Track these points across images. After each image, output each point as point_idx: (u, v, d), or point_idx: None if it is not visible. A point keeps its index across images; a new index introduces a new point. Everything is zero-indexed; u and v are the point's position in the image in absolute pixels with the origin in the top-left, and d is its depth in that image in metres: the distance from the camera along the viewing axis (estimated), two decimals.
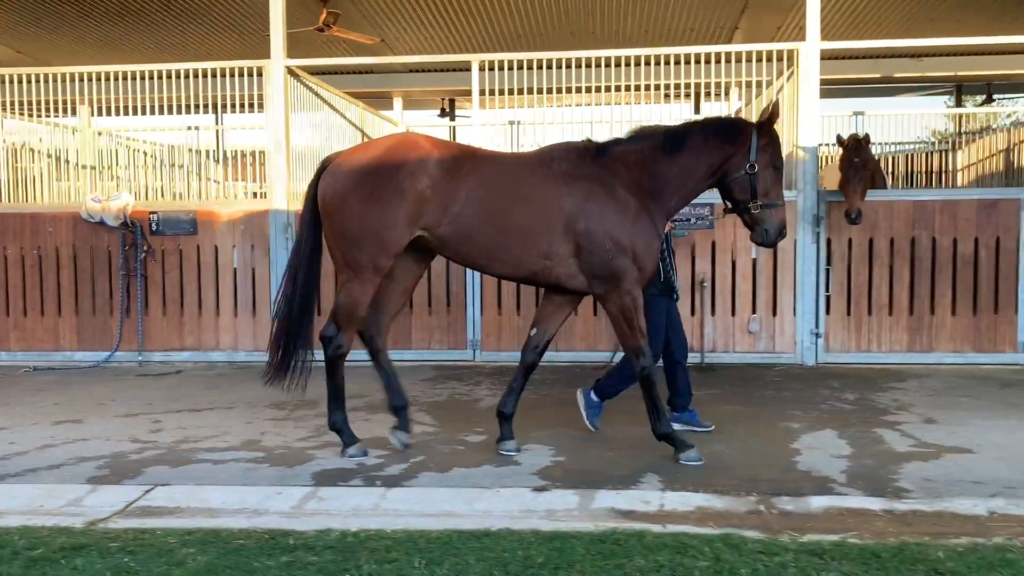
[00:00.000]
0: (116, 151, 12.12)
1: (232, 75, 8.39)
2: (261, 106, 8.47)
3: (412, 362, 8.08)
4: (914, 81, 12.69)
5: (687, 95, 9.37)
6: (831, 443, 5.23)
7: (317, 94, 9.27)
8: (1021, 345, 7.68)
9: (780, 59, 7.87)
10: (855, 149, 7.62)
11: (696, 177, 4.90)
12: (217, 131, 13.94)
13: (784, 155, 5.30)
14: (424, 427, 5.76)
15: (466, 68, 8.35)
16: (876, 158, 9.44)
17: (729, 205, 5.00)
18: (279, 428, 5.80)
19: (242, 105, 8.56)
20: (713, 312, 8.02)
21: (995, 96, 16.31)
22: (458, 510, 4.05)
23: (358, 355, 5.33)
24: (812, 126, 7.80)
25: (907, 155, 14.26)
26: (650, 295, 5.28)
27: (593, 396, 5.46)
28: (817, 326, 7.84)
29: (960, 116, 15.75)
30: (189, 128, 11.99)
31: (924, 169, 14.35)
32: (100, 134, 11.79)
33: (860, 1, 10.42)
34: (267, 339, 8.53)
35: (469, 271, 7.85)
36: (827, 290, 7.82)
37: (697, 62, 7.93)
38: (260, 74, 8.37)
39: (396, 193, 4.77)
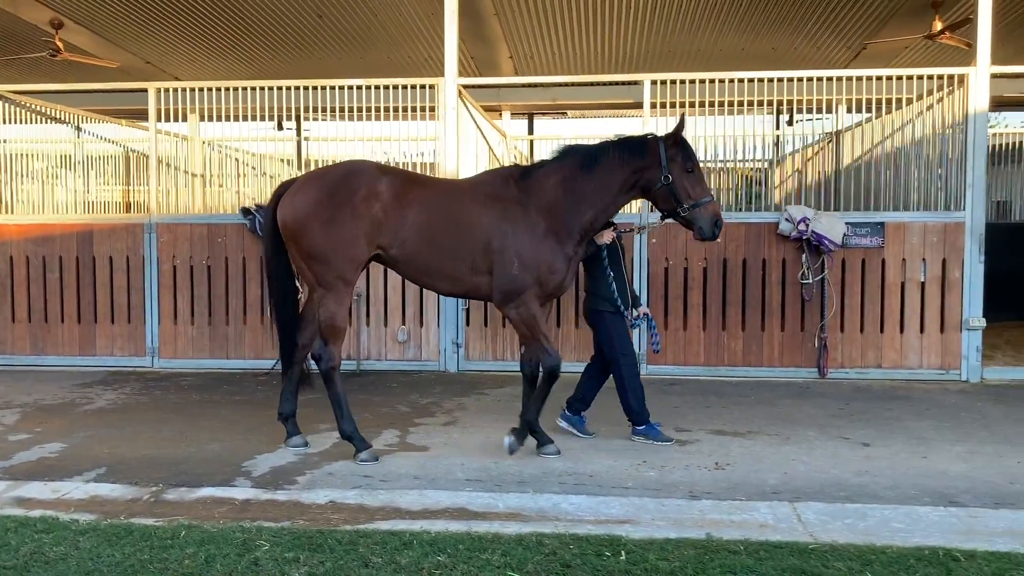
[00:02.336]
0: None
1: None
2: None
3: (90, 367, 8.72)
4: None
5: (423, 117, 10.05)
6: (323, 442, 5.89)
7: (41, 112, 9.85)
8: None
9: (424, 88, 8.60)
10: None
11: (611, 192, 5.36)
12: None
13: None
14: None
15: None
16: None
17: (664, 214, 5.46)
18: None
19: None
20: (368, 323, 8.70)
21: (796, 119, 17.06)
22: None
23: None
24: (450, 148, 8.47)
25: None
26: (599, 310, 5.79)
27: (567, 413, 6.06)
28: (458, 337, 8.55)
29: (777, 136, 16.55)
30: None
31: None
32: None
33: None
34: None
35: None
36: (466, 304, 8.52)
37: (358, 88, 8.65)
38: None
39: (353, 216, 5.29)
